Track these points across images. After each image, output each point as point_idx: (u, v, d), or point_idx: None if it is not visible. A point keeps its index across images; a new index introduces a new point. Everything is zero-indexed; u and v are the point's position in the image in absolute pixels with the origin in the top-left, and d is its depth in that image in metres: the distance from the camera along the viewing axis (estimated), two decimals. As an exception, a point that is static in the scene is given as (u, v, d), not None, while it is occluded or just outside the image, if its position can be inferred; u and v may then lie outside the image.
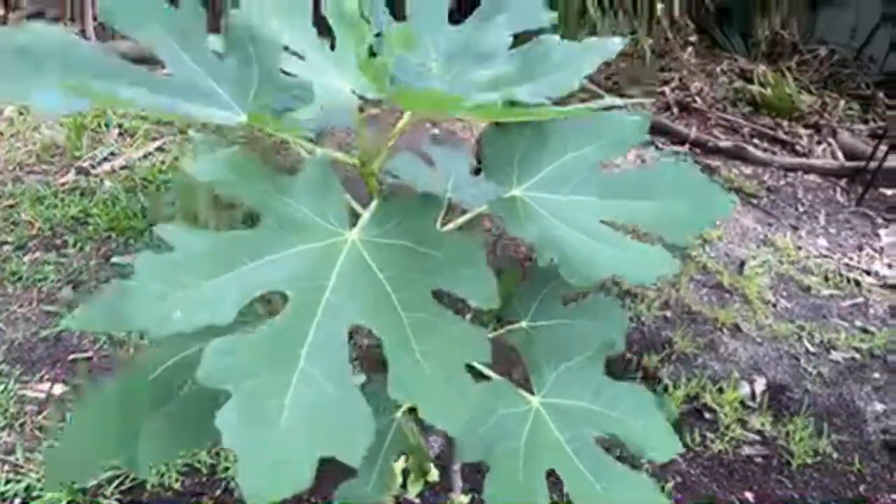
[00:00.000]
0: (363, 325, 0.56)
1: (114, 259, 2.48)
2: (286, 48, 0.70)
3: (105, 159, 3.06)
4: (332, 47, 0.76)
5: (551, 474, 0.73)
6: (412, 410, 0.72)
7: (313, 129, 0.71)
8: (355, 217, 0.63)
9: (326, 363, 0.53)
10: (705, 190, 0.77)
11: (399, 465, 1.03)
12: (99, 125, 3.25)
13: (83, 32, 3.84)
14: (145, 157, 3.16)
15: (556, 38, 0.78)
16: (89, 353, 2.07)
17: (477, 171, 0.81)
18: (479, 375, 0.82)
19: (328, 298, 0.56)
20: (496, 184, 0.73)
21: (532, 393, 0.77)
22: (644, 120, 0.81)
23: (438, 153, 0.96)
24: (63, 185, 2.84)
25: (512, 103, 0.64)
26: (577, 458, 0.72)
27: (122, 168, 3.03)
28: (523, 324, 0.87)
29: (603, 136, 0.78)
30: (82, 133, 3.15)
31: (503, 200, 0.73)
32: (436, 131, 3.53)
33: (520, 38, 0.81)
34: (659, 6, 5.43)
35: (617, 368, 2.45)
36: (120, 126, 3.30)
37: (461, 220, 0.82)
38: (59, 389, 1.97)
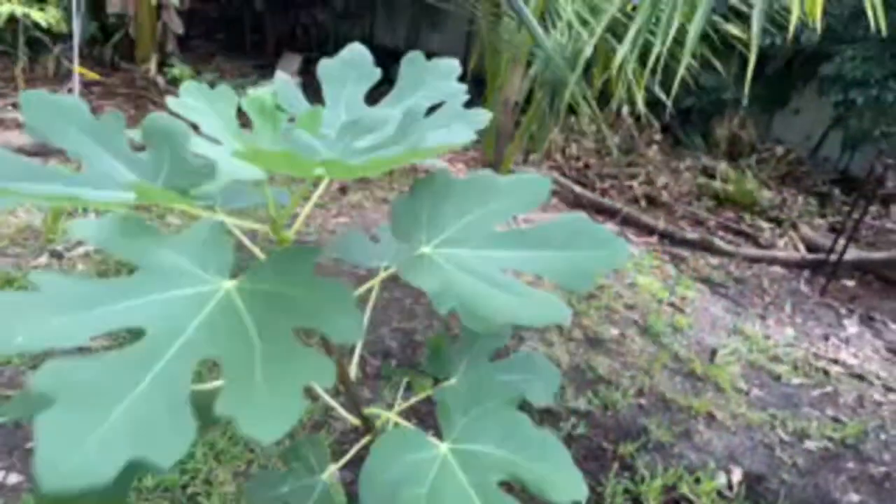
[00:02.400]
0: (215, 356, 0.57)
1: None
2: (206, 136, 0.76)
3: (79, 242, 3.06)
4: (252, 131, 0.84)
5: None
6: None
7: (212, 201, 0.75)
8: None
9: (168, 391, 0.54)
10: (602, 239, 0.81)
11: None
12: (75, 209, 3.27)
13: None
14: (121, 241, 3.15)
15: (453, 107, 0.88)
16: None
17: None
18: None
19: (188, 336, 0.58)
20: (407, 245, 0.78)
21: (441, 440, 0.78)
22: (546, 181, 0.86)
23: (384, 231, 1.02)
24: (35, 268, 2.81)
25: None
26: (480, 502, 0.72)
27: (97, 251, 3.02)
28: (453, 381, 0.89)
29: (506, 196, 0.83)
30: (59, 217, 3.15)
31: (411, 259, 0.77)
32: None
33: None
34: (624, 108, 5.73)
35: (590, 456, 2.43)
36: (97, 211, 3.31)
37: (375, 279, 0.85)
38: (14, 479, 1.87)
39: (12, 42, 4.71)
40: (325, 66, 0.93)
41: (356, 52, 0.94)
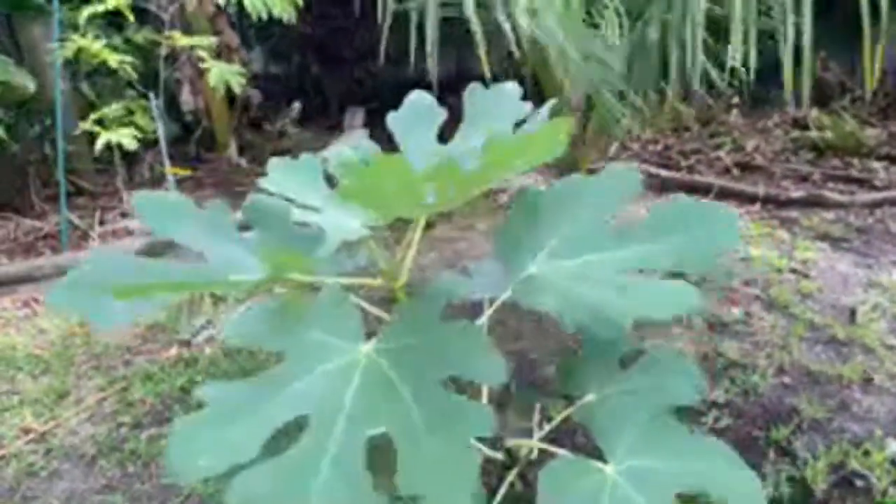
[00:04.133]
0: (377, 428, 0.60)
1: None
2: (304, 205, 0.81)
3: (203, 328, 3.25)
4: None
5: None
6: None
7: (328, 265, 0.79)
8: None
9: (347, 471, 0.57)
10: (711, 217, 0.78)
11: None
12: (193, 299, 3.49)
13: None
14: (237, 319, 3.33)
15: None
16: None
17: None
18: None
19: (348, 411, 0.60)
20: (512, 270, 0.78)
21: (605, 461, 0.75)
22: (634, 171, 0.84)
23: (474, 264, 1.03)
24: (168, 359, 3.01)
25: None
26: None
27: (220, 334, 3.21)
28: (590, 397, 0.86)
29: (598, 195, 0.81)
30: (181, 309, 3.37)
31: (520, 282, 0.77)
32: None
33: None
34: (694, 82, 5.51)
35: (742, 448, 2.29)
36: (212, 296, 3.52)
37: (486, 311, 0.85)
38: (187, 562, 1.99)
39: (109, 159, 5.15)
40: (394, 118, 0.96)
41: (419, 98, 0.96)
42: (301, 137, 7.10)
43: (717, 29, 3.24)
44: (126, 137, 3.11)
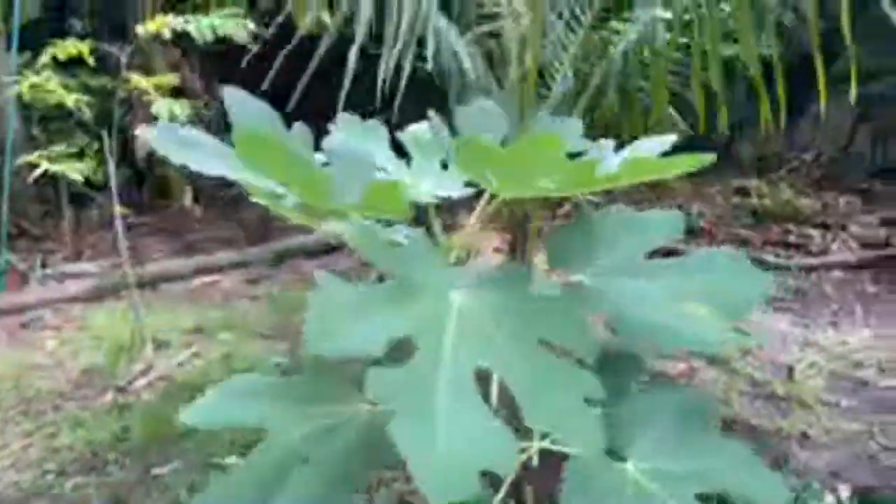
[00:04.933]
0: (487, 368, 0.64)
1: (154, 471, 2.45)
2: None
3: (142, 373, 3.14)
4: (408, 164, 0.93)
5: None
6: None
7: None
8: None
9: (461, 397, 0.62)
10: (747, 271, 0.83)
11: None
12: (133, 344, 3.38)
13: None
14: (180, 365, 3.23)
15: None
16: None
17: None
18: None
19: (452, 344, 0.64)
20: (563, 272, 0.83)
21: (624, 460, 0.78)
22: (680, 216, 0.89)
23: None
24: (102, 405, 2.89)
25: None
26: None
27: (159, 379, 3.10)
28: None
29: (645, 231, 0.86)
30: (119, 353, 3.26)
31: (570, 284, 0.83)
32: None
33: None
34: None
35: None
36: (154, 340, 3.42)
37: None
38: None
39: (56, 201, 5.03)
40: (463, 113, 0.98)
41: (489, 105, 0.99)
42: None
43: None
44: (72, 171, 3.04)
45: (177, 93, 3.80)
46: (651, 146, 0.78)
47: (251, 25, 3.19)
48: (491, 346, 0.64)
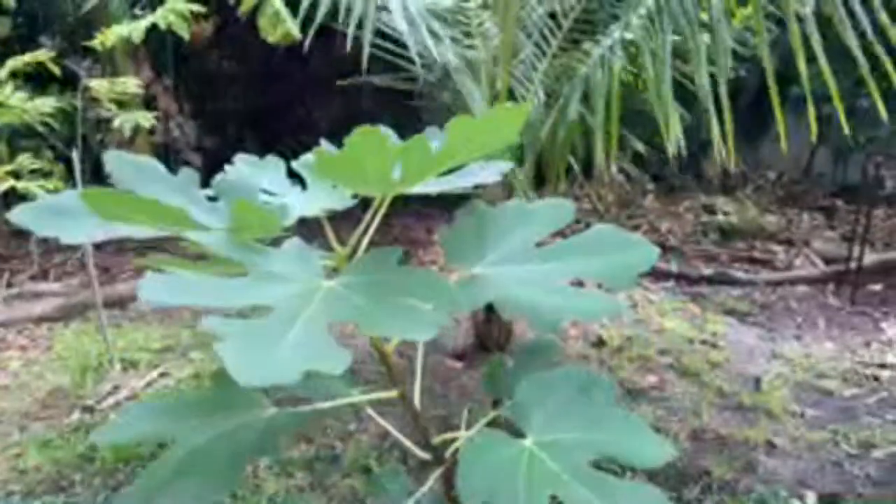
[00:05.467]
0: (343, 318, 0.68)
1: (120, 491, 2.41)
2: (264, 190, 0.86)
3: (109, 394, 3.09)
4: (303, 188, 0.97)
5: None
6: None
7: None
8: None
9: (317, 330, 0.65)
10: (633, 242, 0.88)
11: None
12: (101, 364, 3.32)
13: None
14: (149, 384, 3.19)
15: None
16: None
17: None
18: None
19: (313, 308, 0.68)
20: (459, 268, 0.87)
21: (523, 437, 0.82)
22: (569, 205, 0.94)
23: None
24: (68, 425, 2.83)
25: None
26: (573, 481, 0.74)
27: (128, 399, 3.05)
28: (516, 398, 0.91)
29: (536, 221, 0.91)
30: (86, 373, 3.20)
31: (466, 279, 0.86)
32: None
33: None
34: (612, 167, 5.87)
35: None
36: (122, 360, 3.37)
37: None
38: None
39: (24, 220, 4.94)
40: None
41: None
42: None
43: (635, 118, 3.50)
44: (39, 189, 2.98)
45: (147, 104, 3.78)
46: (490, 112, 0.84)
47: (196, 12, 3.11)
48: (350, 305, 0.68)
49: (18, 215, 0.76)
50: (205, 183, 0.90)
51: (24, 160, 3.21)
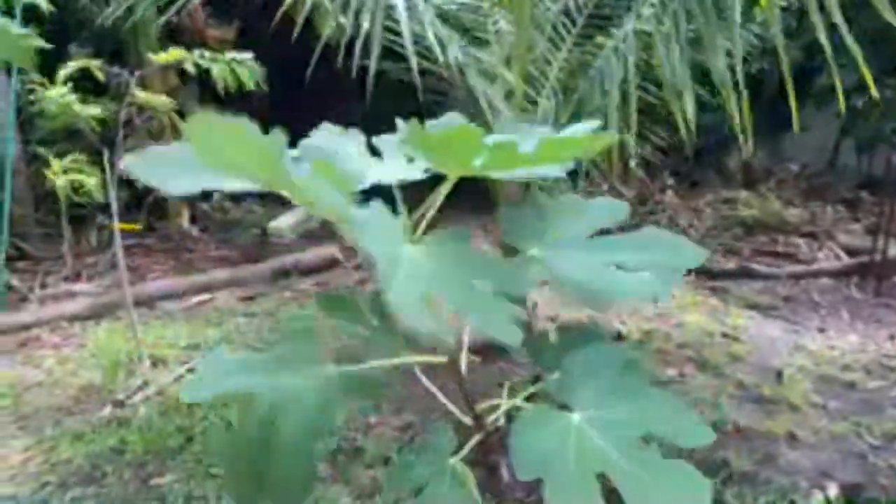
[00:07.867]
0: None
1: (152, 482, 2.49)
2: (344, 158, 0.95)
3: (139, 389, 3.18)
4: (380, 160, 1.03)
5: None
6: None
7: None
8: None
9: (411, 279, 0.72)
10: (681, 244, 0.92)
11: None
12: (131, 360, 3.42)
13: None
14: (177, 380, 3.27)
15: None
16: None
17: None
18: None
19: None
20: (516, 247, 0.95)
21: (571, 411, 0.86)
22: (624, 204, 0.99)
23: None
24: (100, 419, 2.92)
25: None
26: (621, 458, 0.78)
27: (157, 394, 3.14)
28: (557, 374, 0.95)
29: (591, 215, 0.96)
30: (117, 369, 3.30)
31: (524, 258, 0.93)
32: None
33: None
34: (632, 161, 5.86)
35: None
36: (151, 356, 3.46)
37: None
38: None
39: (56, 223, 5.09)
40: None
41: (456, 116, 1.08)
42: (254, 209, 7.15)
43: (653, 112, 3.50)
44: (84, 180, 3.13)
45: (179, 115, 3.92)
46: (579, 129, 0.86)
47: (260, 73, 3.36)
48: (434, 279, 0.73)
49: (128, 164, 0.77)
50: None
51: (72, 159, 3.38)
